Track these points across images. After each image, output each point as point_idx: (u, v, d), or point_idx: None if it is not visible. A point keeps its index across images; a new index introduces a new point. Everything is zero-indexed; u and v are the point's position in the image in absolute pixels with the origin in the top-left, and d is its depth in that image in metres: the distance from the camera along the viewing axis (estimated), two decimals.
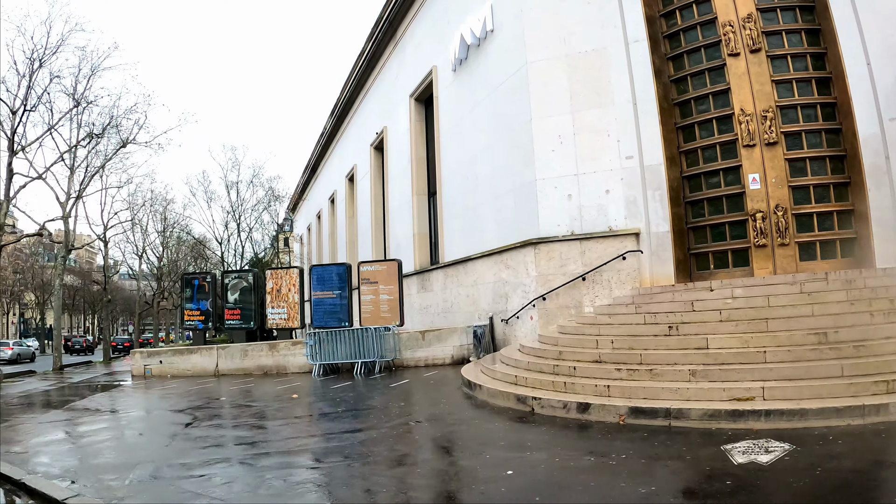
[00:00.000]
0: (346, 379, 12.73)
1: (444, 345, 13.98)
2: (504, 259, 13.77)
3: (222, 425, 8.55)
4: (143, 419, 9.86)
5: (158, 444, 7.31)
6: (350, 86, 26.17)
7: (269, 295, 16.55)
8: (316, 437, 7.28)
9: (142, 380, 16.24)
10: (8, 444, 7.76)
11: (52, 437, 8.62)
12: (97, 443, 7.90)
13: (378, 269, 15.12)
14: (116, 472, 5.97)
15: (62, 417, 10.50)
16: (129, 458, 6.61)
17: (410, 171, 19.20)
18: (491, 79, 14.64)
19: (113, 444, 7.81)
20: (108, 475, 5.87)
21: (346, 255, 27.60)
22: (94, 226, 29.18)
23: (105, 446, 7.61)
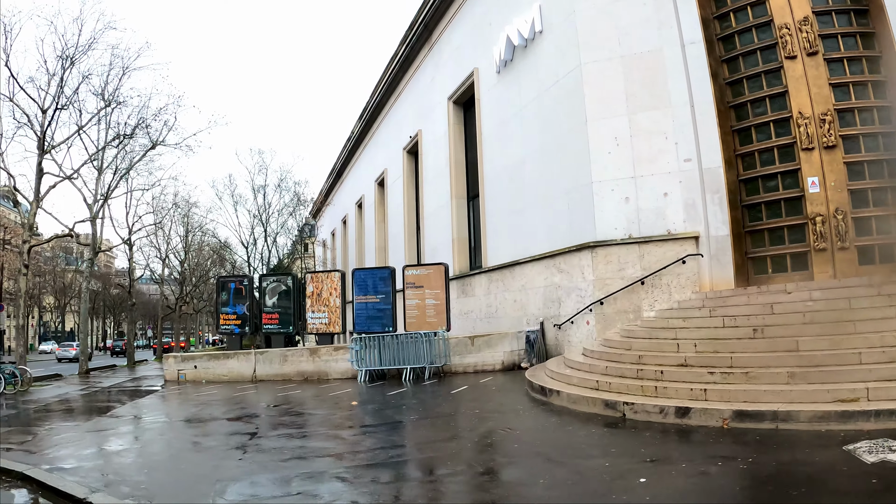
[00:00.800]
0: (396, 385, 12.39)
1: (493, 350, 13.64)
2: (557, 263, 13.46)
3: (292, 435, 8.09)
4: (199, 428, 9.26)
5: (233, 456, 6.82)
6: (381, 89, 25.99)
7: (308, 299, 16.26)
8: (406, 447, 6.90)
9: (176, 385, 15.95)
10: (57, 456, 7.36)
11: (108, 447, 8.17)
12: (160, 453, 7.52)
13: (424, 272, 14.81)
14: (201, 491, 5.44)
15: (109, 425, 10.09)
16: (208, 473, 6.09)
17: (449, 174, 18.94)
18: (540, 80, 14.39)
19: (182, 456, 7.28)
20: (194, 495, 5.36)
21: (374, 260, 27.32)
22: (119, 228, 28.87)
23: (173, 459, 7.10)
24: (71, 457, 7.31)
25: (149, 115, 22.47)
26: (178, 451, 7.62)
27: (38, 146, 20.07)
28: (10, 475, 6.73)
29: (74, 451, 7.73)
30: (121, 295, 53.20)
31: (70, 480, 6.00)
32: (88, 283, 25.04)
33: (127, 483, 5.85)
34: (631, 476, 4.99)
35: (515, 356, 13.60)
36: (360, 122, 30.06)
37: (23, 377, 17.14)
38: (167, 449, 7.75)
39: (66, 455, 7.41)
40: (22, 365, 18.93)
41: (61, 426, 10.11)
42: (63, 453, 7.54)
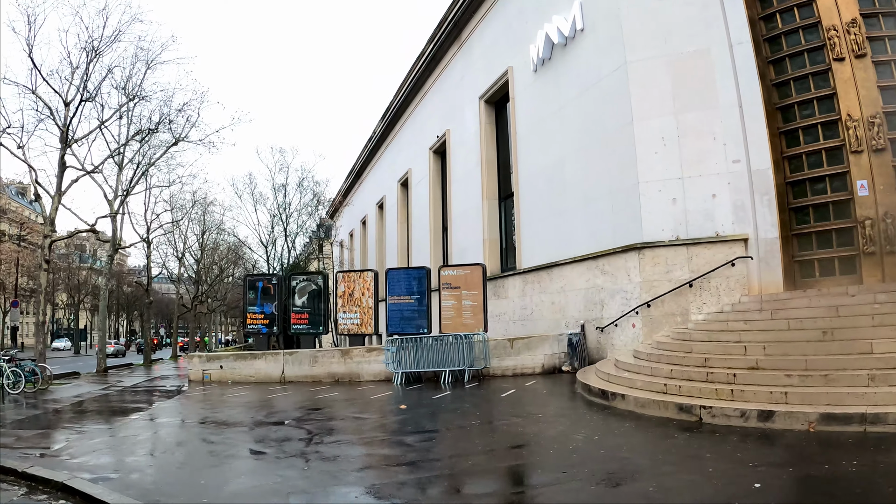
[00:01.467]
0: (435, 388, 12.08)
1: (533, 353, 13.36)
2: (600, 264, 13.20)
3: (350, 441, 7.62)
4: (246, 433, 8.49)
5: (295, 465, 6.27)
6: (405, 89, 25.81)
7: (340, 299, 15.98)
8: (479, 455, 6.39)
9: (200, 385, 15.56)
10: (98, 464, 6.70)
11: (152, 453, 7.50)
12: (212, 462, 6.77)
13: (460, 273, 14.54)
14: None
15: (145, 428, 9.56)
16: (277, 485, 5.50)
17: (480, 174, 18.70)
18: (581, 79, 14.16)
19: (238, 466, 6.55)
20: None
21: (396, 262, 27.07)
22: (137, 226, 28.63)
23: (230, 469, 6.35)
24: (112, 466, 6.74)
25: (172, 111, 22.13)
26: (230, 459, 6.97)
27: (60, 139, 19.78)
28: (49, 485, 6.10)
29: (114, 458, 7.20)
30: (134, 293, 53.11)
31: (120, 496, 5.37)
32: (108, 280, 24.72)
33: (186, 498, 5.30)
34: (743, 482, 4.76)
35: (556, 359, 13.31)
36: (383, 121, 29.88)
37: (43, 375, 16.77)
38: (219, 457, 7.08)
39: (107, 464, 6.82)
40: (41, 363, 18.64)
41: (93, 429, 9.58)
42: (103, 461, 6.97)
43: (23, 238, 33.22)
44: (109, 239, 24.43)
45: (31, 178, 19.92)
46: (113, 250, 24.55)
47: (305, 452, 6.91)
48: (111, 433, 9.17)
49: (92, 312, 61.40)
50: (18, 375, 15.39)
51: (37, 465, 6.65)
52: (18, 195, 49.55)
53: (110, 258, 24.61)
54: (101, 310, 24.55)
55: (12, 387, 15.20)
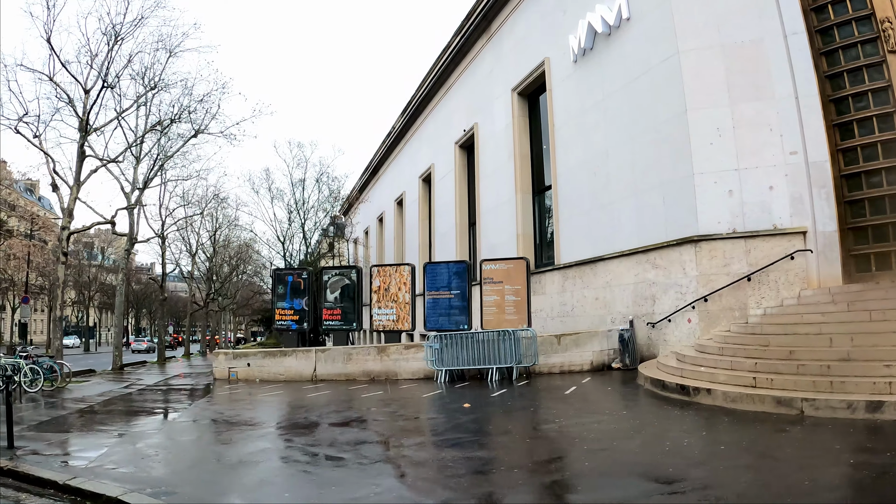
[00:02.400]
0: (482, 386, 11.69)
1: (581, 350, 12.97)
2: (650, 258, 12.83)
3: (436, 444, 6.93)
4: (308, 436, 7.67)
5: (387, 473, 5.72)
6: (428, 83, 25.41)
7: (375, 294, 15.54)
8: (605, 453, 5.87)
9: (227, 384, 15.01)
10: (156, 476, 5.90)
11: (209, 462, 6.64)
12: (289, 473, 5.94)
13: (503, 267, 14.14)
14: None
15: (188, 431, 8.84)
16: (378, 496, 4.88)
17: (513, 168, 18.32)
18: (627, 69, 13.80)
19: (325, 476, 5.76)
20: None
21: (417, 258, 26.60)
22: (151, 221, 28.09)
23: (315, 482, 5.53)
24: (170, 478, 5.91)
25: (192, 102, 21.57)
26: (310, 467, 6.06)
27: (79, 128, 19.25)
28: (100, 501, 5.32)
29: (169, 468, 6.34)
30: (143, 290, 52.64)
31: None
32: (125, 275, 24.23)
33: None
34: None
35: (604, 356, 12.93)
36: (403, 116, 29.47)
37: (61, 372, 16.10)
38: (293, 465, 6.18)
39: (163, 476, 5.98)
40: (59, 359, 18.07)
41: (132, 432, 8.81)
42: (158, 472, 6.11)
43: (32, 234, 32.72)
44: (126, 233, 23.95)
45: (49, 167, 19.35)
46: (129, 244, 24.04)
47: (392, 458, 6.36)
48: (155, 437, 8.40)
49: (100, 310, 60.91)
50: (37, 373, 14.72)
51: (80, 477, 5.88)
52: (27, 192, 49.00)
53: (127, 252, 24.13)
54: (118, 305, 24.08)
55: (30, 385, 14.41)
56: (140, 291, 54.00)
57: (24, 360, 14.93)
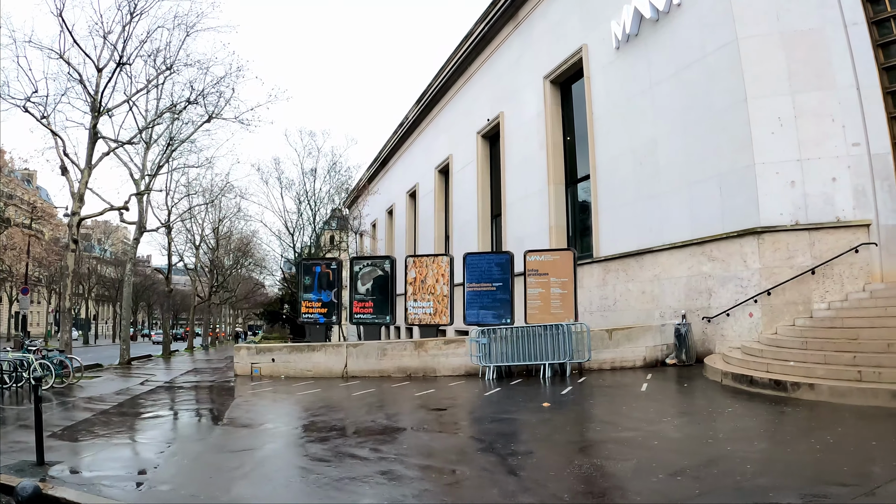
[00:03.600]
0: (536, 383, 11.21)
1: (634, 345, 12.53)
2: (706, 251, 12.40)
3: (550, 452, 6.02)
4: (390, 444, 6.61)
5: (506, 487, 4.81)
6: (447, 71, 24.79)
7: (410, 286, 14.96)
8: (756, 457, 5.22)
9: (249, 380, 14.29)
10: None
11: (289, 481, 5.39)
12: (389, 485, 5.02)
13: (548, 259, 13.62)
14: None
15: (243, 440, 7.51)
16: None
17: (545, 158, 17.80)
18: (679, 55, 13.32)
19: (458, 492, 4.95)
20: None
21: (433, 251, 26.04)
22: (157, 210, 27.10)
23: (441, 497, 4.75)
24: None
25: (207, 85, 20.68)
26: (431, 483, 5.18)
27: (91, 108, 18.34)
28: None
29: (258, 488, 5.20)
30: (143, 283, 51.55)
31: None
32: (133, 265, 23.37)
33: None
34: None
35: (658, 351, 12.50)
36: (418, 106, 28.80)
37: (73, 368, 14.97)
38: (405, 483, 5.13)
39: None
40: (69, 353, 17.05)
41: (175, 440, 7.67)
42: (245, 492, 5.11)
43: (32, 223, 31.70)
44: (135, 221, 23.09)
45: (59, 149, 18.36)
46: (138, 233, 23.18)
47: (514, 468, 5.31)
48: (208, 449, 7.06)
49: (98, 302, 59.56)
50: (47, 369, 13.58)
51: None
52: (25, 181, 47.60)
53: (136, 241, 23.18)
54: (125, 297, 23.17)
55: (40, 382, 13.87)
56: (139, 284, 52.91)
57: (34, 354, 13.96)
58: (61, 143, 18.45)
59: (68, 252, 19.32)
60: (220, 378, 16.40)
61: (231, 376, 16.34)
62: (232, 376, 16.13)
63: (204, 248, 34.10)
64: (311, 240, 28.76)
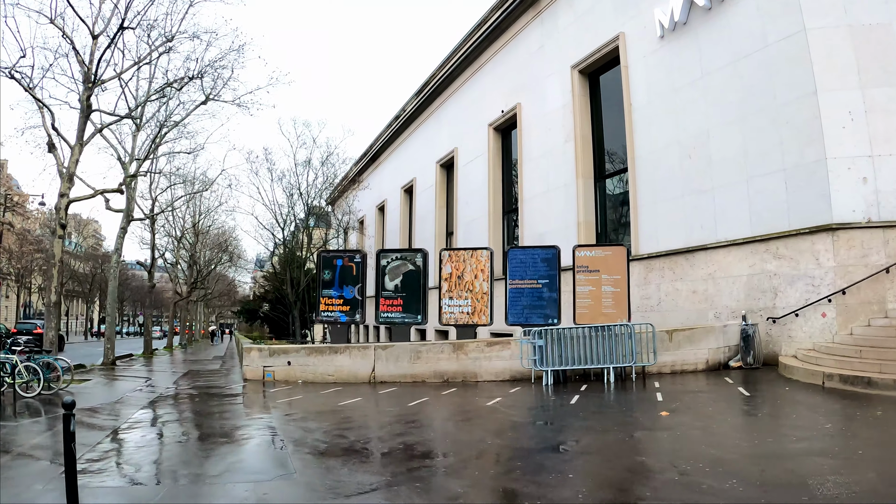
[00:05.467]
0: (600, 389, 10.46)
1: (695, 347, 11.90)
2: (771, 248, 11.88)
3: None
4: (526, 477, 5.26)
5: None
6: (453, 62, 23.85)
7: (445, 282, 13.99)
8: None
9: (261, 385, 12.92)
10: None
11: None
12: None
13: (599, 254, 12.88)
14: None
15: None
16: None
17: (574, 151, 17.08)
18: (736, 45, 12.80)
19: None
20: None
21: (433, 248, 25.04)
22: (141, 200, 25.08)
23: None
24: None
25: (208, 61, 19.01)
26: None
27: (84, 79, 16.40)
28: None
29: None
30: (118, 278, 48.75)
31: None
32: (119, 258, 21.52)
33: None
34: None
35: (721, 354, 11.91)
36: (417, 99, 27.73)
37: (62, 370, 12.85)
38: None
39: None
40: (58, 355, 14.88)
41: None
42: None
43: (3, 213, 29.13)
44: (122, 208, 21.29)
45: (46, 122, 16.39)
46: (125, 221, 21.30)
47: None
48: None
49: (68, 298, 55.96)
50: (34, 372, 11.59)
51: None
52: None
53: (123, 231, 21.29)
54: (111, 291, 21.22)
55: (26, 388, 11.52)
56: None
57: (17, 355, 11.82)
58: (51, 117, 16.58)
59: (55, 239, 17.22)
60: (226, 383, 14.81)
61: (236, 380, 15.04)
62: (237, 380, 14.85)
63: (184, 242, 32.29)
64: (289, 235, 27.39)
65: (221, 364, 22.01)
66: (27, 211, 35.64)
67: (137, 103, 19.70)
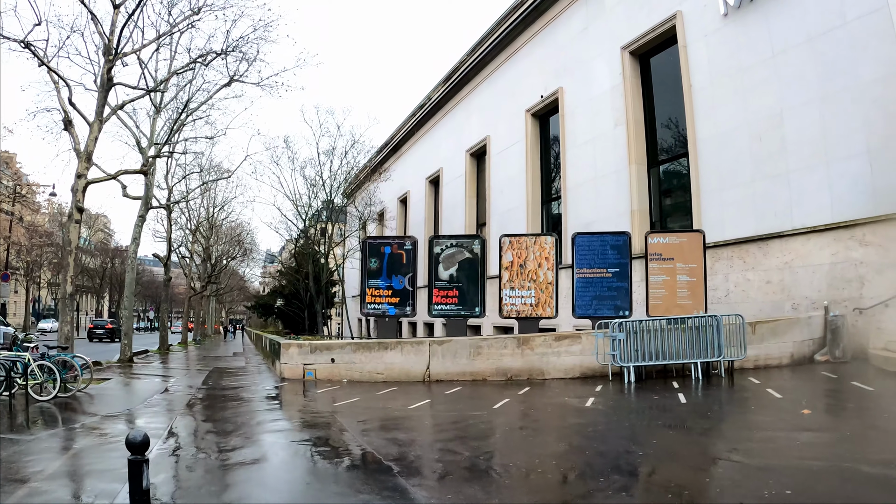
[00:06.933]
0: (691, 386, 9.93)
1: (779, 340, 11.37)
2: (856, 234, 11.34)
3: None
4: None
5: None
6: (485, 47, 23.13)
7: (506, 271, 13.39)
8: None
9: (302, 386, 12.12)
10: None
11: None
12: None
13: (674, 241, 12.32)
14: None
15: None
16: None
17: (626, 136, 16.49)
18: (811, 22, 12.24)
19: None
20: None
21: None
22: (158, 189, 24.19)
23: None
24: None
25: (235, 39, 17.91)
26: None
27: (104, 51, 15.55)
28: None
29: None
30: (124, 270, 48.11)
31: None
32: (137, 247, 20.70)
33: None
34: None
35: (805, 347, 11.40)
36: (445, 85, 26.99)
37: (81, 370, 11.85)
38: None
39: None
40: (72, 350, 13.54)
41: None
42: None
43: (15, 203, 28.33)
44: (141, 196, 20.50)
45: (62, 97, 15.35)
46: (144, 209, 20.44)
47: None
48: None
49: (77, 293, 55.22)
50: (49, 372, 10.47)
51: None
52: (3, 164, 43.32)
53: (141, 219, 20.32)
54: (129, 283, 20.38)
55: (40, 390, 10.39)
56: (122, 272, 49.52)
57: (30, 352, 10.93)
58: (67, 90, 15.67)
59: (71, 224, 16.14)
60: (261, 382, 13.85)
61: (270, 379, 14.29)
62: (271, 379, 14.14)
63: (198, 236, 31.56)
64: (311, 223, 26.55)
65: (245, 361, 21.37)
66: (36, 203, 34.76)
67: (161, 79, 18.90)
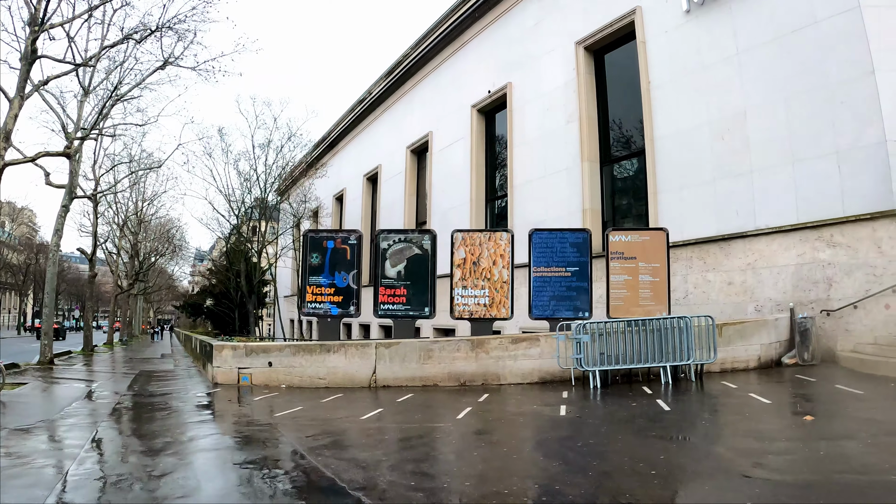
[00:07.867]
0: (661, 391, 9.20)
1: (747, 343, 10.84)
2: (823, 235, 11.03)
3: None
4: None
5: None
6: (432, 41, 22.10)
7: (458, 269, 12.32)
8: None
9: (236, 392, 10.70)
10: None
11: None
12: None
13: (637, 240, 11.63)
14: None
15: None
16: None
17: (577, 133, 15.85)
18: (779, 21, 11.98)
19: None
20: None
21: None
22: (84, 179, 21.90)
23: None
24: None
25: (167, 18, 16.33)
26: None
27: (29, 20, 13.65)
28: None
29: None
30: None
31: None
32: (59, 241, 18.22)
33: None
34: None
35: (773, 350, 10.92)
36: (387, 80, 25.70)
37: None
38: None
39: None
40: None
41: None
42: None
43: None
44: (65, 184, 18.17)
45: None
46: (68, 199, 18.12)
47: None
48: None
49: (2, 289, 50.66)
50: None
51: None
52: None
53: (64, 209, 17.95)
54: (49, 279, 17.83)
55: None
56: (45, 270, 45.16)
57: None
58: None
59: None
60: (193, 388, 12.14)
61: (202, 384, 12.70)
62: (203, 384, 12.60)
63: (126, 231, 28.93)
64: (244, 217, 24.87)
65: (175, 364, 19.34)
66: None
67: (91, 56, 16.84)
